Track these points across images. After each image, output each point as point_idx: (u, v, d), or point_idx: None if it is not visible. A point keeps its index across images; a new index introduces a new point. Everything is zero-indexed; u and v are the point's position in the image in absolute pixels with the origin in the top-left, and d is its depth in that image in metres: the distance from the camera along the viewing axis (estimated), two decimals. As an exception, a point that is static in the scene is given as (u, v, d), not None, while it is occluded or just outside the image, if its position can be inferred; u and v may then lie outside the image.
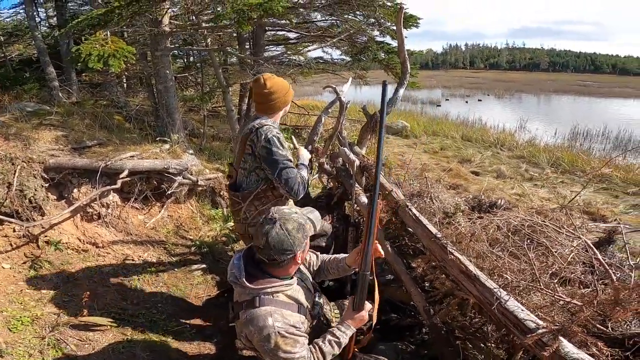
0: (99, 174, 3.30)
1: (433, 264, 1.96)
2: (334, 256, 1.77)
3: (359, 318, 1.49)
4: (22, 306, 2.33)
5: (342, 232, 2.94)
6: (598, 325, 1.39)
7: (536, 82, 48.63)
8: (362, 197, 2.69)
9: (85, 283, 2.74)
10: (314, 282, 1.68)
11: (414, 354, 2.12)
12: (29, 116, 4.44)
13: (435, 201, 2.36)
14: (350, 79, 4.76)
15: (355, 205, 2.74)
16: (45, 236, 2.97)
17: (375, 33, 6.86)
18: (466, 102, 26.63)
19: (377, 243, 1.54)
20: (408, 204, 2.19)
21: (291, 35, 8.05)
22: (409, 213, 2.13)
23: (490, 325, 1.80)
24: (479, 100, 29.12)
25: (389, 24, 6.42)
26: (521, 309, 1.40)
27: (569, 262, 1.65)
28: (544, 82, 49.04)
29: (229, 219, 3.98)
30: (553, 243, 1.75)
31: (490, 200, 2.56)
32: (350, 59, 7.64)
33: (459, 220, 2.09)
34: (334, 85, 3.89)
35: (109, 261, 3.10)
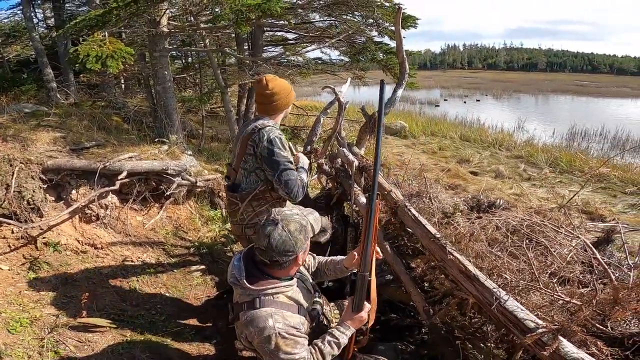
0: (97, 175, 3.28)
1: (432, 264, 1.96)
2: (331, 258, 1.77)
3: (358, 319, 1.48)
4: (21, 307, 2.32)
5: (341, 233, 2.94)
6: (597, 325, 1.39)
7: (534, 82, 48.88)
8: (361, 198, 2.69)
9: (84, 284, 2.73)
10: (313, 283, 1.67)
11: (414, 354, 2.12)
12: (27, 117, 4.43)
13: (434, 201, 2.36)
14: (348, 80, 4.76)
15: (354, 205, 2.74)
16: (44, 237, 2.95)
17: (374, 33, 6.88)
18: (464, 102, 26.72)
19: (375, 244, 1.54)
20: (407, 204, 2.18)
21: (290, 36, 8.07)
22: (408, 213, 2.13)
23: (490, 325, 1.80)
24: (477, 100, 29.24)
25: (388, 25, 6.43)
26: (520, 309, 1.40)
27: (568, 262, 1.66)
28: (542, 82, 49.29)
29: (228, 220, 3.98)
30: (552, 243, 1.76)
31: (489, 200, 2.57)
32: (348, 60, 7.65)
33: (457, 221, 2.09)
34: (332, 86, 3.90)
35: (108, 262, 3.08)
